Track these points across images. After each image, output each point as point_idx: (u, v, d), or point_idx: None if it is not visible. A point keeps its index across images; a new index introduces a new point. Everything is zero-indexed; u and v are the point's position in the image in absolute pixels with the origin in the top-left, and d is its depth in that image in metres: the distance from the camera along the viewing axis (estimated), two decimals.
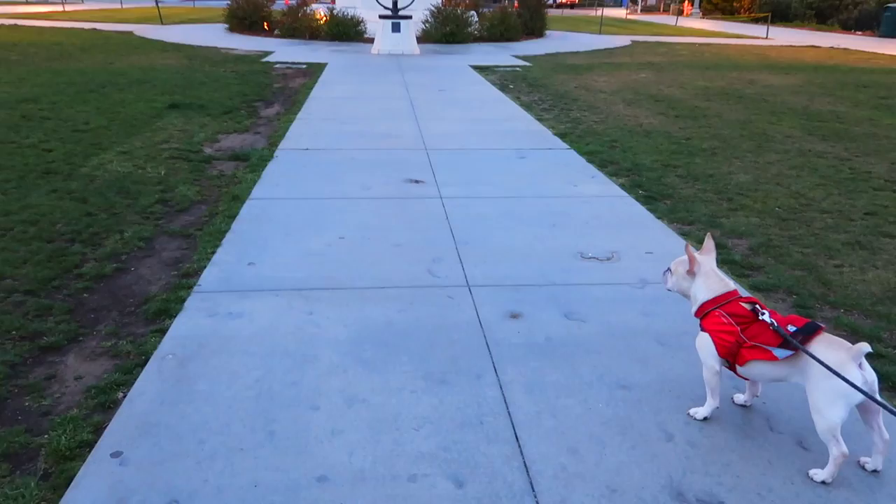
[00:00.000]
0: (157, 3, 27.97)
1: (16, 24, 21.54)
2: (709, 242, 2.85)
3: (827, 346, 2.35)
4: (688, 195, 5.76)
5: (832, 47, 21.79)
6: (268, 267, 4.07)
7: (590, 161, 6.81)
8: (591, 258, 4.36)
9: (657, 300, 3.76)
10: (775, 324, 2.43)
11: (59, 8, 32.02)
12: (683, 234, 4.81)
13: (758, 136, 8.16)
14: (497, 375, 3.00)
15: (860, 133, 8.48)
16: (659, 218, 5.15)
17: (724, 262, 4.34)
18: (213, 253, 4.23)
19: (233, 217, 4.89)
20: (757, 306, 2.52)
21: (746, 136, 8.10)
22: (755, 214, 5.29)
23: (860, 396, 2.25)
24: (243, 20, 21.88)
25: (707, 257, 2.78)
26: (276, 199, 5.42)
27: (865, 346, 2.28)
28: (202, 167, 6.26)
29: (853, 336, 3.35)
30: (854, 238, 4.82)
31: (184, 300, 3.59)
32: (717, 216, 5.24)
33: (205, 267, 4.03)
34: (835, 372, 2.24)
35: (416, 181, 5.98)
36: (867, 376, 2.29)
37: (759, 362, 2.48)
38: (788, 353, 2.40)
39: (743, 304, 2.55)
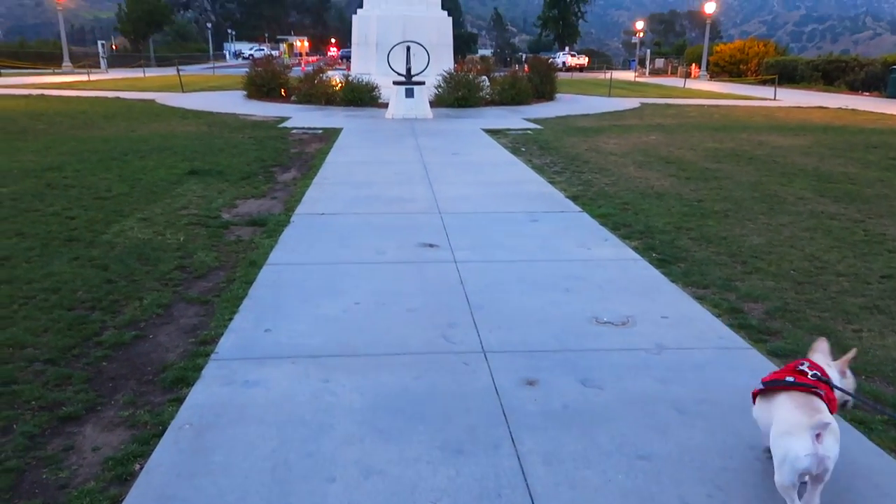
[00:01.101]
0: (178, 72, 28.94)
1: (43, 94, 22.32)
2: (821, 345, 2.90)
3: (792, 405, 2.31)
4: (701, 258, 5.77)
5: (840, 108, 22.07)
6: (284, 333, 4.10)
7: (602, 224, 6.86)
8: (606, 323, 4.35)
9: (674, 366, 3.74)
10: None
11: (84, 77, 33.17)
12: (698, 298, 4.80)
13: (769, 197, 8.21)
14: (514, 445, 2.97)
15: (872, 194, 8.51)
16: (673, 281, 5.16)
17: (741, 326, 4.32)
18: (231, 319, 4.27)
19: (250, 283, 4.95)
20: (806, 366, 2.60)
21: (758, 198, 8.14)
22: (770, 278, 5.29)
23: (806, 464, 2.19)
24: (261, 87, 22.54)
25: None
26: (292, 265, 5.49)
27: (826, 418, 2.24)
28: (220, 233, 6.36)
29: (876, 405, 3.30)
30: (871, 302, 4.79)
31: (201, 368, 3.62)
32: (731, 279, 5.24)
33: (222, 334, 4.06)
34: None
35: (431, 245, 6.04)
36: (820, 450, 2.22)
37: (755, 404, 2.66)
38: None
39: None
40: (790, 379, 2.55)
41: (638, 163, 10.70)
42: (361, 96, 20.28)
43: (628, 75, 52.76)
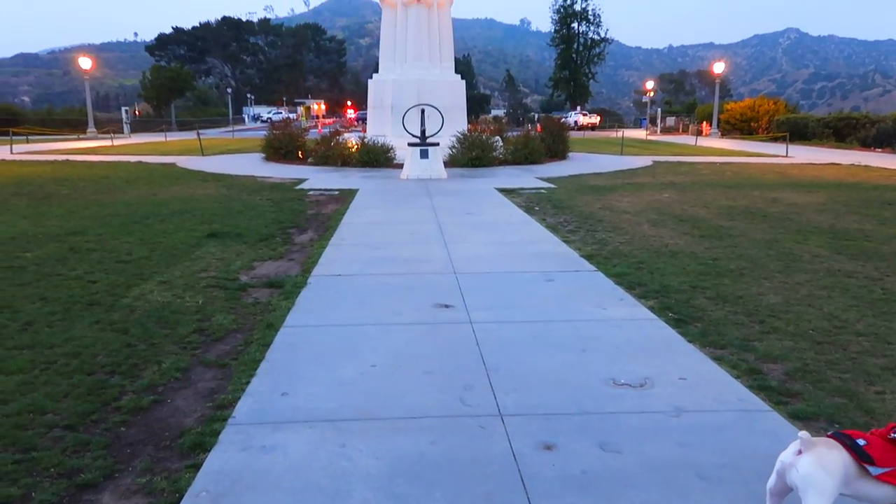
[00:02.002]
0: (198, 136, 29.70)
1: (68, 160, 22.95)
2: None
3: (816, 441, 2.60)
4: (718, 318, 5.74)
5: (853, 164, 22.13)
6: (301, 397, 4.11)
7: (618, 283, 6.87)
8: (623, 385, 4.32)
9: (693, 430, 3.70)
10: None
11: (108, 143, 34.10)
12: (716, 359, 4.77)
13: (785, 255, 8.19)
14: None
15: (889, 252, 8.46)
16: (690, 342, 5.13)
17: (761, 388, 4.27)
18: (248, 383, 4.29)
19: (267, 345, 4.99)
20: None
21: (774, 256, 8.13)
22: (788, 337, 5.24)
23: (777, 466, 2.63)
24: (279, 150, 23.05)
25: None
26: (309, 327, 5.53)
27: (815, 441, 2.56)
28: (238, 295, 6.43)
29: None
30: (893, 362, 4.73)
31: (218, 433, 3.62)
32: (749, 339, 5.20)
33: (239, 398, 4.08)
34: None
35: (446, 306, 6.07)
36: (789, 459, 2.57)
37: None
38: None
39: None
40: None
41: (652, 221, 10.75)
42: (377, 157, 20.66)
43: (640, 134, 53.40)
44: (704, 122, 49.74)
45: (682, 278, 7.07)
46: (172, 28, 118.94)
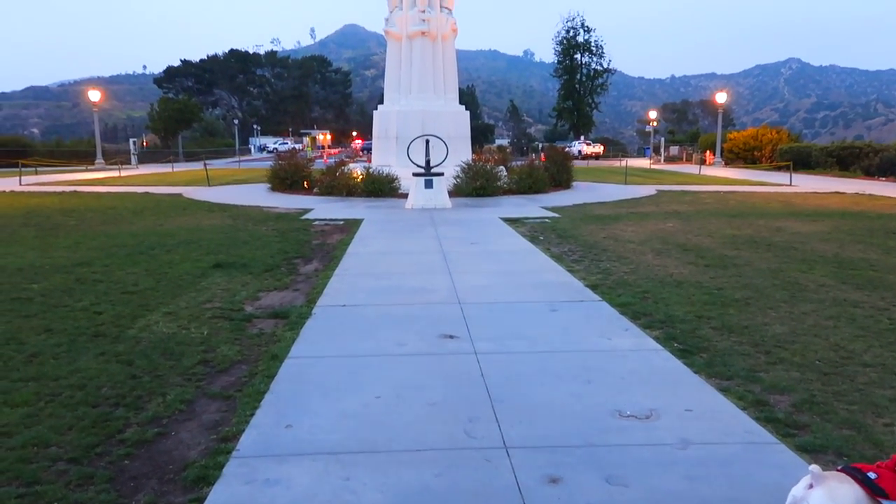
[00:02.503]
0: (205, 167, 29.97)
1: (76, 191, 23.14)
2: None
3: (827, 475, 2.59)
4: (724, 348, 5.72)
5: (857, 193, 22.14)
6: (305, 429, 4.09)
7: (622, 313, 6.86)
8: (629, 416, 4.30)
9: (700, 462, 3.67)
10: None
11: (115, 173, 34.41)
12: (723, 390, 4.74)
13: (790, 285, 8.17)
14: None
15: (895, 281, 8.44)
16: (696, 372, 5.11)
17: (768, 420, 4.24)
18: (252, 415, 4.28)
19: (271, 377, 4.98)
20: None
21: (779, 286, 8.11)
22: (795, 368, 5.21)
23: (788, 499, 2.60)
24: (284, 180, 23.21)
25: None
26: (313, 358, 5.52)
27: (825, 474, 2.55)
28: (243, 326, 6.44)
29: None
30: None
31: (222, 466, 3.61)
32: (755, 370, 5.17)
33: (243, 430, 4.07)
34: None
35: (451, 336, 6.06)
36: (800, 494, 2.54)
37: None
38: None
39: None
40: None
41: (656, 250, 10.76)
42: (382, 187, 20.78)
43: (643, 163, 53.64)
44: (708, 151, 49.95)
45: (688, 308, 7.06)
46: (181, 61, 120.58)
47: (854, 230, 13.02)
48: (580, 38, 79.02)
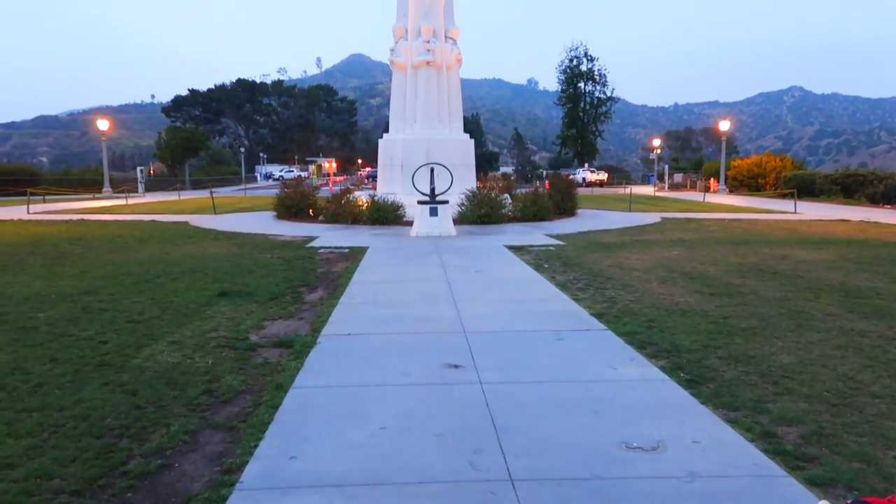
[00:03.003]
0: (211, 194, 30.16)
1: (83, 219, 23.30)
2: None
3: None
4: (731, 378, 5.68)
5: (862, 221, 22.12)
6: (310, 461, 4.07)
7: (628, 342, 6.83)
8: (636, 448, 4.26)
9: (708, 496, 3.63)
10: None
11: (122, 202, 34.65)
12: (730, 421, 4.70)
13: (797, 314, 8.13)
14: None
15: None
16: (703, 403, 5.07)
17: (776, 452, 4.20)
18: (256, 446, 4.26)
19: (276, 407, 4.97)
20: None
21: (785, 315, 8.07)
22: (803, 399, 5.17)
23: None
24: (290, 208, 23.33)
25: None
26: (318, 388, 5.51)
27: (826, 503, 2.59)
28: (248, 355, 6.44)
29: None
30: None
31: (225, 499, 3.58)
32: (763, 401, 5.13)
33: (247, 462, 4.05)
34: None
35: (456, 366, 6.04)
36: None
37: None
38: None
39: None
40: None
41: (661, 279, 10.74)
42: (387, 215, 20.86)
43: (648, 190, 53.78)
44: (712, 179, 50.08)
45: (694, 337, 7.03)
46: (189, 90, 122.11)
47: (860, 258, 12.98)
48: (583, 67, 79.86)
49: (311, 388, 5.50)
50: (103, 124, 47.00)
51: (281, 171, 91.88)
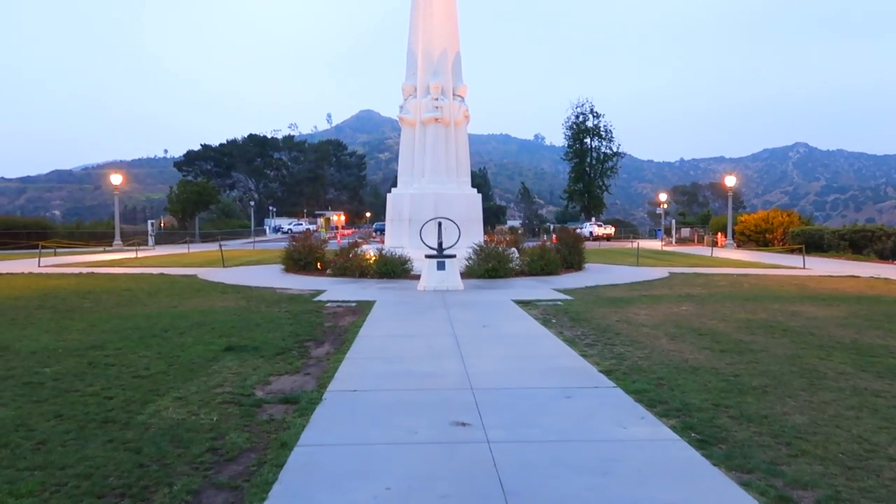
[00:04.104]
0: (220, 248, 30.37)
1: (92, 273, 23.42)
2: None
3: None
4: (743, 438, 5.58)
5: (872, 277, 21.99)
6: None
7: (638, 400, 6.74)
8: None
9: None
10: None
11: (132, 255, 34.90)
12: (743, 484, 4.59)
13: (809, 372, 8.02)
14: None
15: None
16: (715, 465, 4.97)
17: None
18: None
19: (280, 466, 4.90)
20: None
21: (797, 373, 7.96)
22: (818, 461, 5.06)
23: None
24: (298, 261, 23.45)
25: None
26: (323, 446, 5.44)
27: None
28: (253, 412, 6.38)
29: None
30: None
31: None
32: (776, 463, 5.02)
33: None
34: None
35: (463, 424, 5.97)
36: None
37: None
38: None
39: None
40: None
41: (670, 335, 10.65)
42: (394, 269, 20.91)
43: (655, 244, 53.83)
44: (719, 234, 50.17)
45: (704, 396, 6.93)
46: (201, 145, 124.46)
47: (871, 315, 12.86)
48: (589, 123, 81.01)
49: (316, 445, 5.43)
50: (116, 179, 47.77)
51: (290, 224, 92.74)
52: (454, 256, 18.46)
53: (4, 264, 27.48)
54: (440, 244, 18.75)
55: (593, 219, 77.68)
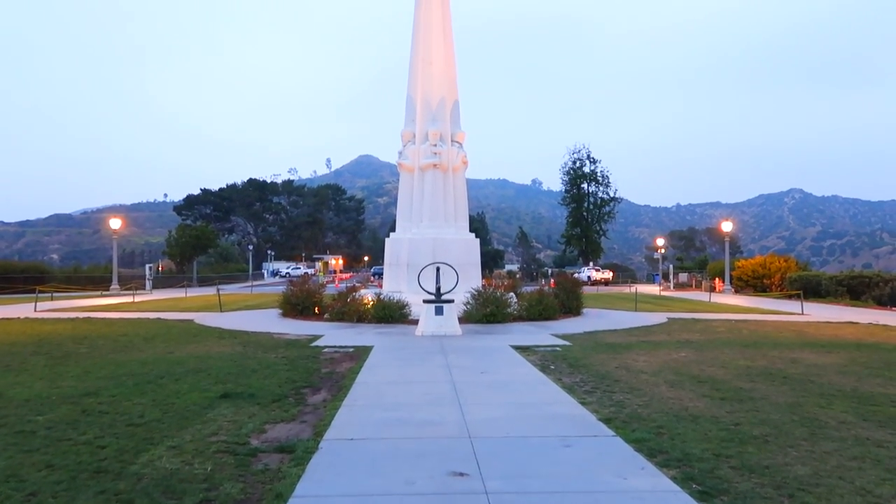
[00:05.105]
0: (218, 292, 30.29)
1: (89, 317, 23.31)
2: None
3: None
4: (745, 490, 5.50)
5: (871, 323, 21.96)
6: None
7: (637, 450, 6.66)
8: None
9: None
10: None
11: (129, 299, 34.80)
12: None
13: (810, 421, 7.95)
14: None
15: None
16: None
17: None
18: None
19: None
20: None
21: (798, 422, 7.89)
22: None
23: None
24: (296, 306, 23.39)
25: None
26: (319, 497, 5.35)
27: None
28: (248, 461, 6.29)
29: None
30: None
31: None
32: None
33: None
34: None
35: (461, 474, 5.89)
36: None
37: None
38: None
39: None
40: None
41: (670, 382, 10.58)
42: (392, 313, 20.85)
43: (653, 289, 53.81)
44: (717, 279, 50.23)
45: (705, 445, 6.85)
46: (201, 189, 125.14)
47: (871, 363, 12.80)
48: (586, 169, 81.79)
49: (311, 497, 5.35)
50: (115, 223, 47.94)
51: (288, 267, 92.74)
52: (452, 301, 18.44)
53: (0, 309, 27.36)
54: (438, 289, 18.75)
55: (591, 263, 77.82)
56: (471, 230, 26.83)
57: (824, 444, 6.91)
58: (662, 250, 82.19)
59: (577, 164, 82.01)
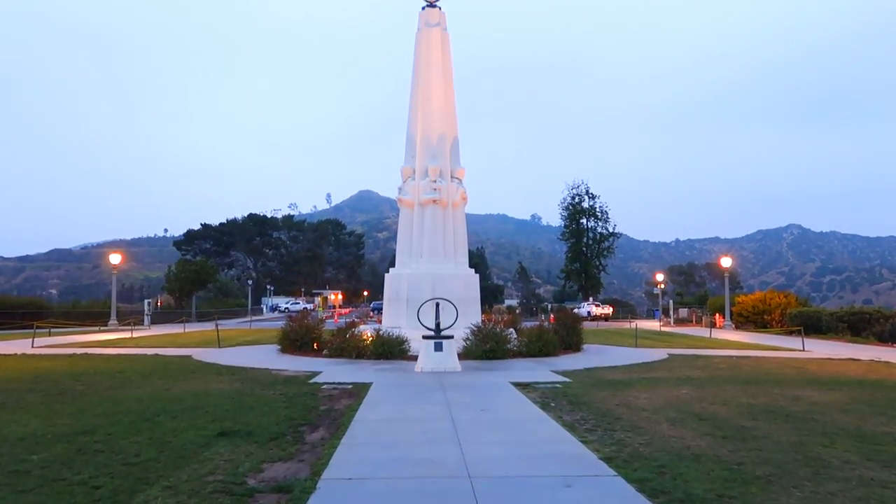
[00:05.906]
0: (216, 328, 30.18)
1: (86, 353, 23.16)
2: None
3: None
4: None
5: (872, 360, 21.84)
6: None
7: (639, 490, 6.58)
8: None
9: None
10: None
11: (127, 334, 34.63)
12: None
13: (813, 461, 7.86)
14: None
15: None
16: None
17: None
18: None
19: None
20: None
21: (801, 462, 7.80)
22: None
23: None
24: (295, 342, 23.27)
25: None
26: None
27: None
28: (244, 502, 6.22)
29: None
30: None
31: None
32: None
33: None
34: None
35: None
36: None
37: None
38: None
39: None
40: None
41: (671, 420, 10.49)
42: (391, 350, 20.73)
43: (653, 325, 53.60)
44: (717, 314, 50.05)
45: (707, 485, 6.76)
46: (201, 224, 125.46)
47: (874, 401, 12.69)
48: (585, 204, 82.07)
49: None
50: (115, 258, 47.94)
51: (287, 303, 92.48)
52: (452, 337, 18.36)
53: None
54: (438, 325, 18.68)
55: (591, 298, 77.64)
56: (470, 265, 26.85)
57: (828, 485, 6.82)
58: (662, 285, 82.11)
59: (577, 200, 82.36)
